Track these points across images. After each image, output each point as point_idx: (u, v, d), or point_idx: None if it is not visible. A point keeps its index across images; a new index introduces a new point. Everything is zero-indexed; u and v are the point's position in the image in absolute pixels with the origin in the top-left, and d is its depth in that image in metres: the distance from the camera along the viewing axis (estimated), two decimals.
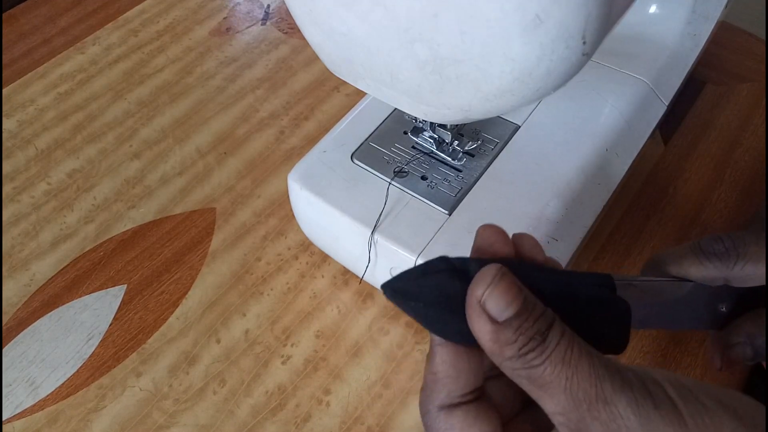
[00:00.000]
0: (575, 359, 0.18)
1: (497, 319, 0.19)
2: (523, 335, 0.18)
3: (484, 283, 0.19)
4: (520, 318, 0.18)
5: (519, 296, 0.19)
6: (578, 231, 0.34)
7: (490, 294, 0.19)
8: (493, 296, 0.19)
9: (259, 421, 0.36)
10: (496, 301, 0.19)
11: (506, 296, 0.19)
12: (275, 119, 0.52)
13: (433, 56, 0.23)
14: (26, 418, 0.37)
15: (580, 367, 0.17)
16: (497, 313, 0.19)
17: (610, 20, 0.22)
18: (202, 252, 0.44)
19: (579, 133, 0.38)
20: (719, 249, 0.26)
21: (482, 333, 0.19)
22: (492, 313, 0.19)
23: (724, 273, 0.26)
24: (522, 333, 0.18)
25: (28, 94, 0.55)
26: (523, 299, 0.19)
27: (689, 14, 0.45)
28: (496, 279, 0.19)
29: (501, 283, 0.19)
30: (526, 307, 0.19)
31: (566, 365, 0.17)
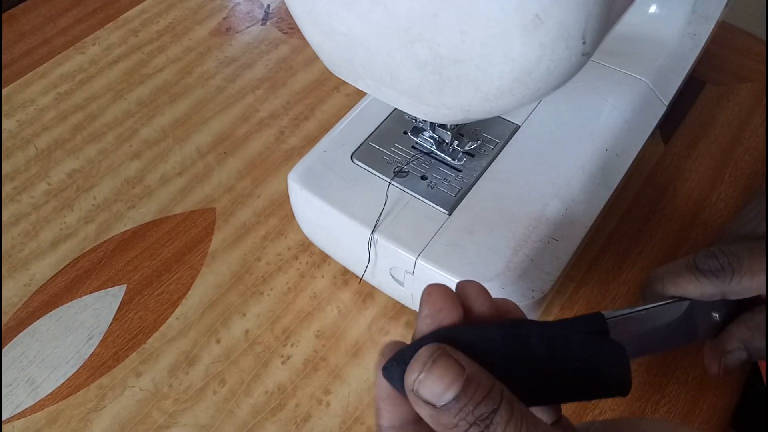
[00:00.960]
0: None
1: (435, 405, 0.18)
2: (464, 420, 0.18)
3: (416, 369, 0.18)
4: (459, 402, 0.18)
5: (458, 378, 0.18)
6: (578, 231, 0.34)
7: (423, 380, 0.18)
8: (427, 383, 0.18)
9: (259, 421, 0.36)
10: (429, 388, 0.18)
11: (443, 380, 0.18)
12: (275, 119, 0.52)
13: (433, 56, 0.23)
14: (26, 418, 0.37)
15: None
16: (434, 398, 0.18)
17: (610, 20, 0.22)
18: (202, 252, 0.44)
19: (579, 133, 0.38)
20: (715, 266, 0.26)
21: (424, 416, 0.18)
22: (428, 399, 0.18)
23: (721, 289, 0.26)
24: (462, 418, 0.18)
25: (28, 94, 0.55)
26: (463, 381, 0.18)
27: (689, 14, 0.45)
28: (429, 364, 0.18)
29: (436, 366, 0.18)
30: (467, 390, 0.18)
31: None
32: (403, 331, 0.39)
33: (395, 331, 0.39)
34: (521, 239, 0.33)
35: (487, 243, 0.33)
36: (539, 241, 0.33)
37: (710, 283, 0.26)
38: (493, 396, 0.18)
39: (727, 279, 0.26)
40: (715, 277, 0.26)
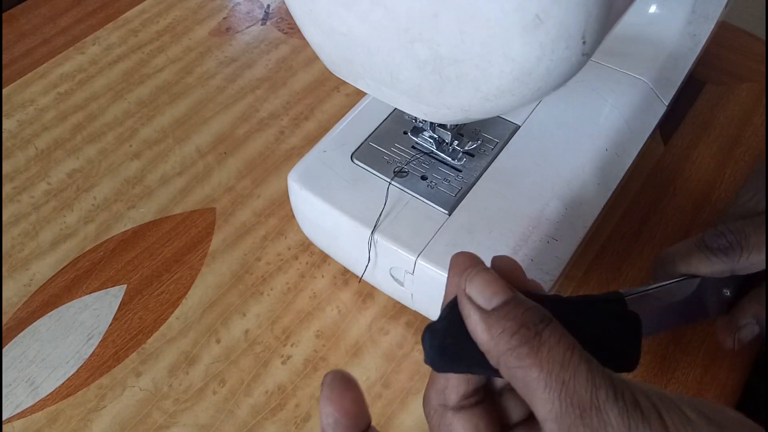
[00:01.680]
0: (574, 364, 0.17)
1: (485, 308, 0.18)
2: (512, 321, 0.18)
3: (466, 273, 0.19)
4: (509, 305, 0.18)
5: (506, 288, 0.19)
6: (578, 231, 0.34)
7: (471, 282, 0.19)
8: (475, 284, 0.19)
9: (259, 421, 0.36)
10: (479, 289, 0.19)
11: (491, 285, 0.19)
12: (275, 119, 0.52)
13: (432, 56, 0.23)
14: (26, 418, 0.37)
15: (578, 372, 0.17)
16: (484, 301, 0.19)
17: (610, 20, 0.22)
18: (202, 252, 0.44)
19: (579, 133, 0.38)
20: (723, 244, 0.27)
21: (473, 324, 0.19)
22: (478, 301, 0.19)
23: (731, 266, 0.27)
24: (511, 319, 0.18)
25: (28, 94, 0.55)
26: (511, 292, 0.19)
27: (689, 14, 0.45)
28: (477, 269, 0.19)
29: (483, 273, 0.19)
30: (515, 297, 0.19)
31: (564, 369, 0.17)
32: (404, 331, 0.39)
33: (395, 331, 0.39)
34: (521, 239, 0.33)
35: (487, 243, 0.33)
36: (539, 241, 0.33)
37: (720, 261, 0.27)
38: (541, 311, 0.19)
39: (736, 256, 0.27)
40: (725, 254, 0.27)
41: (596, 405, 0.17)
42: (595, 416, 0.17)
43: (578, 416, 0.17)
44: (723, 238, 0.27)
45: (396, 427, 0.35)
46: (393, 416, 0.36)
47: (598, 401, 0.17)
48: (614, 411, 0.17)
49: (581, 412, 0.17)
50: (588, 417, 0.17)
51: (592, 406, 0.17)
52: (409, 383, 0.37)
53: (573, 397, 0.17)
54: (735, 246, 0.27)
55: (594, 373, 0.17)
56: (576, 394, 0.17)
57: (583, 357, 0.18)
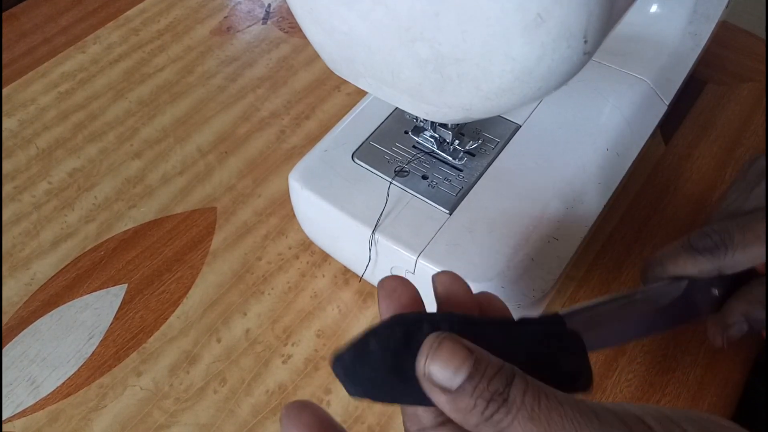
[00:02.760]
0: (545, 414, 0.17)
1: (450, 389, 0.18)
2: (481, 398, 0.17)
3: (424, 352, 0.18)
4: (473, 381, 0.18)
5: (468, 358, 0.18)
6: (578, 231, 0.34)
7: (431, 363, 0.18)
8: (436, 366, 0.18)
9: (259, 421, 0.36)
10: (441, 372, 0.18)
11: (452, 362, 0.18)
12: (276, 118, 0.52)
13: (434, 55, 0.23)
14: (27, 417, 0.37)
15: (552, 421, 0.17)
16: (447, 382, 0.18)
17: (612, 19, 0.22)
18: (203, 251, 0.44)
19: (580, 132, 0.38)
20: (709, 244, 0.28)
21: (441, 405, 0.18)
22: (441, 383, 0.18)
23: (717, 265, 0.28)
24: (479, 396, 0.17)
25: (29, 93, 0.55)
26: (473, 361, 0.18)
27: (690, 14, 0.45)
28: (434, 347, 0.18)
29: (442, 349, 0.18)
30: (478, 368, 0.18)
31: (537, 422, 0.17)
32: None
33: None
34: (522, 239, 0.33)
35: (487, 242, 0.33)
36: (540, 241, 0.33)
37: (707, 261, 0.28)
38: (505, 370, 0.18)
39: (722, 255, 0.27)
40: (711, 254, 0.27)
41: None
42: None
43: None
44: (708, 239, 0.28)
45: (396, 426, 0.35)
46: (393, 415, 0.36)
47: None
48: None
49: None
50: None
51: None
52: None
53: None
54: (720, 245, 0.27)
55: (569, 416, 0.17)
56: None
57: (552, 403, 0.17)
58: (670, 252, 0.29)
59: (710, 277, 0.28)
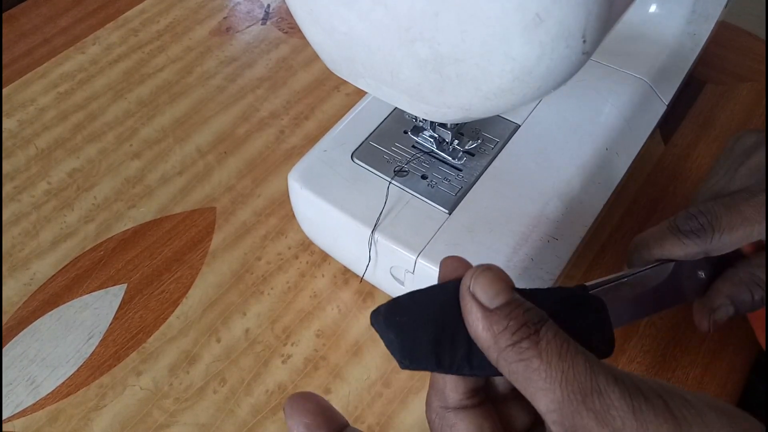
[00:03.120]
0: (571, 354, 0.18)
1: (488, 306, 0.19)
2: (515, 320, 0.18)
3: (471, 272, 0.20)
4: (510, 305, 0.19)
5: (508, 288, 0.19)
6: (578, 230, 0.34)
7: (476, 281, 0.19)
8: (480, 282, 0.19)
9: (259, 420, 0.36)
10: (483, 288, 0.19)
11: (494, 285, 0.19)
12: (275, 119, 0.52)
13: (433, 55, 0.23)
14: (27, 417, 0.37)
15: (575, 361, 0.18)
16: (487, 300, 0.19)
17: (611, 19, 0.22)
18: (203, 251, 0.44)
19: (579, 132, 0.38)
20: (695, 226, 0.27)
21: (475, 321, 0.19)
22: (481, 299, 0.19)
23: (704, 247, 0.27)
24: (513, 318, 0.18)
25: (29, 94, 0.55)
26: (512, 293, 0.19)
27: (689, 14, 0.45)
28: (482, 269, 0.19)
29: (488, 272, 0.19)
30: (516, 298, 0.19)
31: (562, 359, 0.18)
32: None
33: None
34: (521, 238, 0.33)
35: (487, 242, 0.33)
36: (539, 240, 0.33)
37: (693, 243, 0.27)
38: (539, 311, 0.19)
39: (709, 237, 0.27)
40: (697, 236, 0.27)
41: (597, 389, 0.17)
42: (597, 399, 0.17)
43: (580, 402, 0.17)
44: (694, 220, 0.27)
45: (396, 426, 0.35)
46: (393, 415, 0.36)
47: (598, 386, 0.17)
48: (616, 393, 0.17)
49: (583, 398, 0.17)
50: (590, 401, 0.17)
51: (593, 390, 0.17)
52: (409, 382, 0.37)
53: (573, 384, 0.17)
54: (707, 227, 0.27)
55: (591, 361, 0.18)
56: (576, 381, 0.17)
57: (579, 349, 0.18)
58: (655, 234, 0.29)
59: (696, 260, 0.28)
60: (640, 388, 0.17)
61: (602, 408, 0.17)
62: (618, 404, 0.17)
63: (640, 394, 0.17)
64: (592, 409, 0.17)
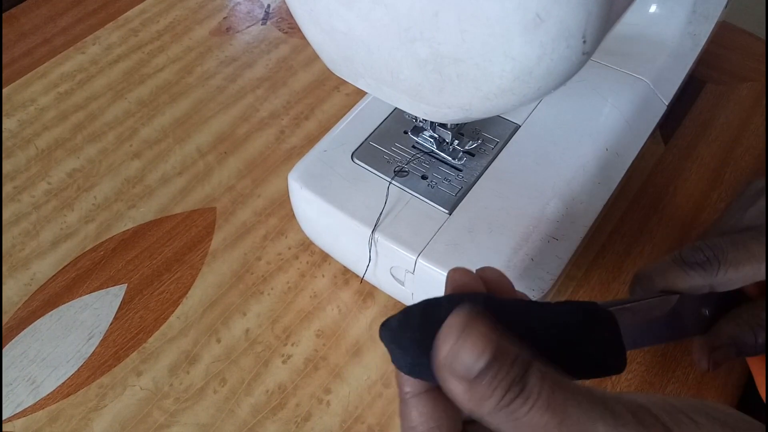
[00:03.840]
0: (561, 404, 0.17)
1: (467, 377, 0.17)
2: (500, 387, 0.17)
3: (449, 340, 0.18)
4: (492, 369, 0.17)
5: (489, 345, 0.17)
6: (578, 230, 0.34)
7: (455, 354, 0.17)
8: (460, 355, 0.17)
9: (259, 420, 0.36)
10: (462, 360, 0.17)
11: (474, 350, 0.17)
12: (275, 119, 0.52)
13: (433, 55, 0.23)
14: (27, 417, 0.37)
15: (568, 412, 0.17)
16: (465, 371, 0.17)
17: (611, 19, 0.22)
18: (203, 251, 0.44)
19: (579, 132, 0.38)
20: (701, 258, 0.27)
21: (455, 394, 0.18)
22: (461, 372, 0.17)
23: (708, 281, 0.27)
24: (497, 386, 0.17)
25: (29, 94, 0.55)
26: (494, 346, 0.17)
27: (689, 14, 0.45)
28: (464, 334, 0.17)
29: (468, 337, 0.17)
30: (498, 355, 0.17)
31: (553, 413, 0.17)
32: None
33: None
34: (522, 238, 0.33)
35: (487, 242, 0.33)
36: (540, 241, 0.33)
37: (698, 276, 0.27)
38: (522, 357, 0.17)
39: (714, 271, 0.27)
40: (702, 269, 0.27)
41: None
42: None
43: None
44: (700, 253, 0.27)
45: (396, 426, 0.35)
46: (393, 415, 0.36)
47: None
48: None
49: None
50: None
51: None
52: None
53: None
54: (713, 260, 0.27)
55: (584, 407, 0.17)
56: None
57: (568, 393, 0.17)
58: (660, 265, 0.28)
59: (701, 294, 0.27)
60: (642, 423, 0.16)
61: None
62: None
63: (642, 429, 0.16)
64: None
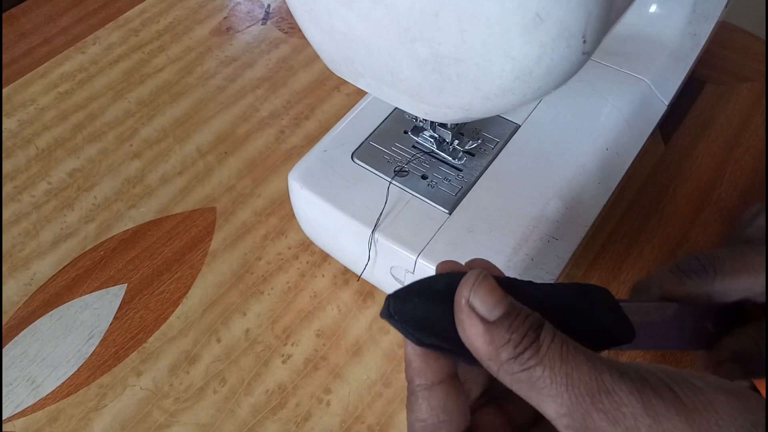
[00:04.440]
0: (572, 355, 0.18)
1: (488, 319, 0.18)
2: (517, 332, 0.18)
3: (469, 284, 0.19)
4: (510, 316, 0.18)
5: (504, 298, 0.19)
6: (578, 230, 0.34)
7: (475, 293, 0.19)
8: (479, 295, 0.19)
9: (259, 420, 0.36)
10: (483, 300, 0.19)
11: (493, 296, 0.19)
12: (275, 119, 0.52)
13: (433, 55, 0.23)
14: (27, 417, 0.37)
15: (577, 362, 0.17)
16: (486, 312, 0.18)
17: (611, 19, 0.22)
18: (203, 251, 0.44)
19: (579, 132, 0.38)
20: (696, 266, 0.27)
21: (475, 336, 0.19)
22: (481, 312, 0.18)
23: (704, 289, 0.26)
24: (515, 330, 0.18)
25: (29, 94, 0.55)
26: (509, 300, 0.19)
27: (689, 14, 0.45)
28: (480, 279, 0.19)
29: (485, 283, 0.19)
30: (514, 307, 0.19)
31: (564, 362, 0.17)
32: None
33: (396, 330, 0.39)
34: (522, 238, 0.33)
35: (487, 242, 0.33)
36: (540, 240, 0.33)
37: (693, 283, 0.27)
38: (535, 316, 0.19)
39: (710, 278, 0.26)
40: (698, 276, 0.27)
41: (604, 388, 0.17)
42: (606, 399, 0.17)
43: (590, 403, 0.17)
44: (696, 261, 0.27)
45: (397, 425, 0.35)
46: (393, 415, 0.36)
47: (605, 384, 0.17)
48: (624, 390, 0.17)
49: (592, 399, 0.17)
50: (599, 401, 0.17)
51: (600, 390, 0.17)
52: None
53: (580, 386, 0.17)
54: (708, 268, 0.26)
55: (593, 360, 0.17)
56: (582, 383, 0.17)
57: (579, 348, 0.18)
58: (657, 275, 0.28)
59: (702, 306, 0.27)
60: (647, 381, 0.17)
61: (612, 407, 0.17)
62: (627, 401, 0.17)
63: (648, 388, 0.17)
64: (602, 410, 0.17)
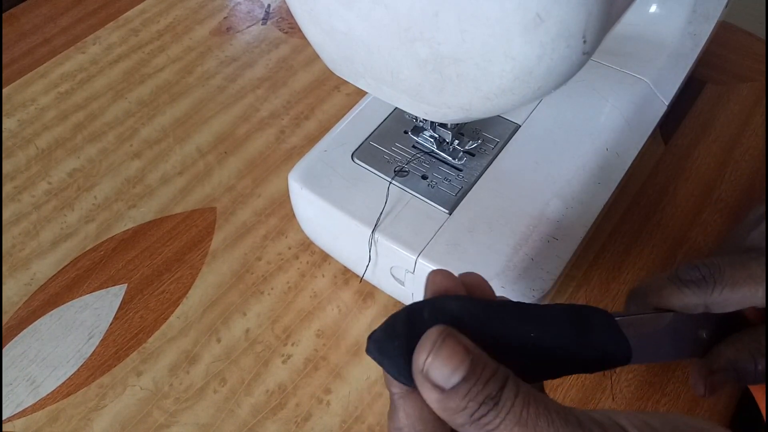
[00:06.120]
0: (532, 420, 0.17)
1: (443, 387, 0.18)
2: (473, 401, 0.17)
3: (425, 349, 0.18)
4: (468, 383, 0.18)
5: (465, 359, 0.18)
6: (578, 230, 0.34)
7: (434, 359, 0.18)
8: (437, 362, 0.18)
9: (259, 420, 0.36)
10: (440, 367, 0.18)
11: (451, 362, 0.18)
12: (276, 119, 0.52)
13: (433, 55, 0.23)
14: (27, 417, 0.37)
15: (538, 427, 0.17)
16: (442, 380, 0.18)
17: (611, 19, 0.22)
18: (203, 251, 0.44)
19: (579, 132, 0.38)
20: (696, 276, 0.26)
21: (430, 402, 0.18)
22: (437, 382, 0.18)
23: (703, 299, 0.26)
24: (471, 399, 0.17)
25: (29, 94, 0.55)
26: (470, 362, 0.18)
27: (689, 14, 0.45)
28: (438, 344, 0.18)
29: (444, 348, 0.18)
30: (474, 370, 0.18)
31: (523, 427, 0.17)
32: None
33: None
34: (522, 238, 0.33)
35: (487, 242, 0.33)
36: (540, 240, 0.33)
37: (692, 293, 0.26)
38: (499, 375, 0.18)
39: (709, 289, 0.26)
40: (697, 286, 0.26)
41: None
42: None
43: None
44: (696, 271, 0.26)
45: None
46: None
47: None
48: None
49: None
50: None
51: None
52: None
53: None
54: (708, 278, 0.26)
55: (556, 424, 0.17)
56: None
57: (541, 410, 0.17)
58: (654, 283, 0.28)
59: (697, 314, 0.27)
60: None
61: None
62: None
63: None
64: None
